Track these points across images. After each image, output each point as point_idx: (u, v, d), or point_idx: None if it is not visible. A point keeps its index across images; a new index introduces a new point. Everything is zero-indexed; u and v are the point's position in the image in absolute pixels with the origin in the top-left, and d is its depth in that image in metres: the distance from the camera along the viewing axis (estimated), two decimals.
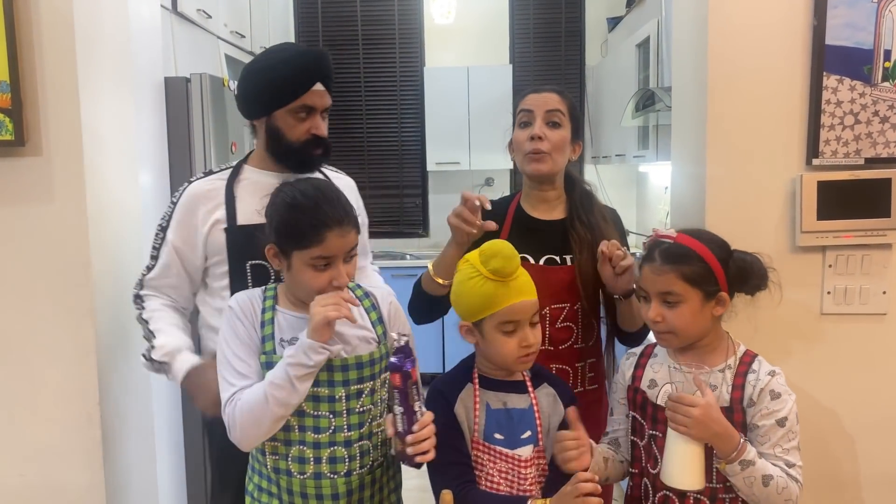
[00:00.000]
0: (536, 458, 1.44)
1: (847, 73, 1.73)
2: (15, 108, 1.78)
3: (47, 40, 1.79)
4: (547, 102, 1.79)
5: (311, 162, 1.79)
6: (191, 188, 1.79)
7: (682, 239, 1.46)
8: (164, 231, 1.78)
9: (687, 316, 1.43)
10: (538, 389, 1.49)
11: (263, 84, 1.72)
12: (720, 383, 1.45)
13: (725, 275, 1.45)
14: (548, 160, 1.78)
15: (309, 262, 1.41)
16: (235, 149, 2.91)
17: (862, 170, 1.75)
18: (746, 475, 1.35)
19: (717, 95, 1.79)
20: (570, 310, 1.76)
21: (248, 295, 1.53)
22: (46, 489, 1.89)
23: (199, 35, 3.41)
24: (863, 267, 1.79)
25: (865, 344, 1.83)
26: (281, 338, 1.45)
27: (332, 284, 1.41)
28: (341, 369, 1.43)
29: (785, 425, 1.40)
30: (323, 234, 1.39)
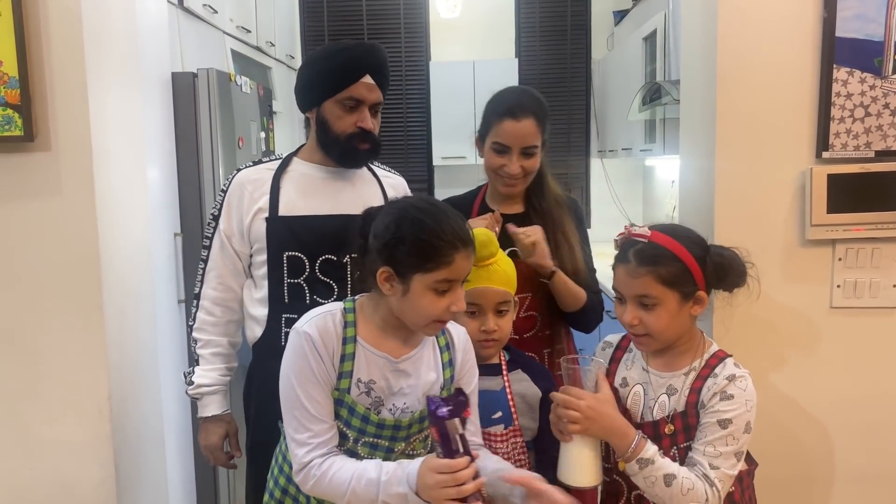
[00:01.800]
0: (510, 436, 1.50)
1: (857, 66, 1.72)
2: (24, 104, 1.78)
3: (55, 36, 1.79)
4: (523, 137, 1.79)
5: (356, 156, 1.77)
6: (239, 176, 1.80)
7: (656, 237, 1.39)
8: (216, 220, 1.79)
9: (664, 318, 1.38)
10: (512, 373, 1.56)
11: (314, 74, 1.74)
12: (680, 387, 1.40)
13: (703, 273, 1.39)
14: (522, 183, 1.86)
15: (432, 285, 1.28)
16: (242, 144, 2.91)
17: (872, 163, 1.74)
18: (646, 474, 1.31)
19: (727, 88, 1.78)
20: (533, 299, 1.81)
21: (328, 322, 1.36)
22: (58, 483, 1.90)
23: (206, 30, 3.40)
24: (873, 260, 1.79)
25: (876, 338, 1.82)
26: (359, 378, 1.35)
27: (450, 310, 1.30)
28: (406, 427, 1.37)
29: (727, 428, 1.33)
30: (452, 255, 1.27)
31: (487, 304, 1.51)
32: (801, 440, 1.86)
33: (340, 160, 1.78)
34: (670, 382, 1.42)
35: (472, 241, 1.31)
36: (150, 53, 2.46)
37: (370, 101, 1.74)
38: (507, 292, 1.53)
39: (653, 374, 1.44)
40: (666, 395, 1.41)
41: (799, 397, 1.85)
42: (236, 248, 1.78)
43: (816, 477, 1.87)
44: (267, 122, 3.29)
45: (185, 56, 3.02)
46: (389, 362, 1.35)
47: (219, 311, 1.80)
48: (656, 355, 1.46)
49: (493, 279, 1.51)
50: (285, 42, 4.99)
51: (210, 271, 1.80)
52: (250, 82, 3.02)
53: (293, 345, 1.35)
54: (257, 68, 4.32)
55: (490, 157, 1.86)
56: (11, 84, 1.77)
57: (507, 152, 1.81)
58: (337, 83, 1.70)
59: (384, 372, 1.36)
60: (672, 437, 1.38)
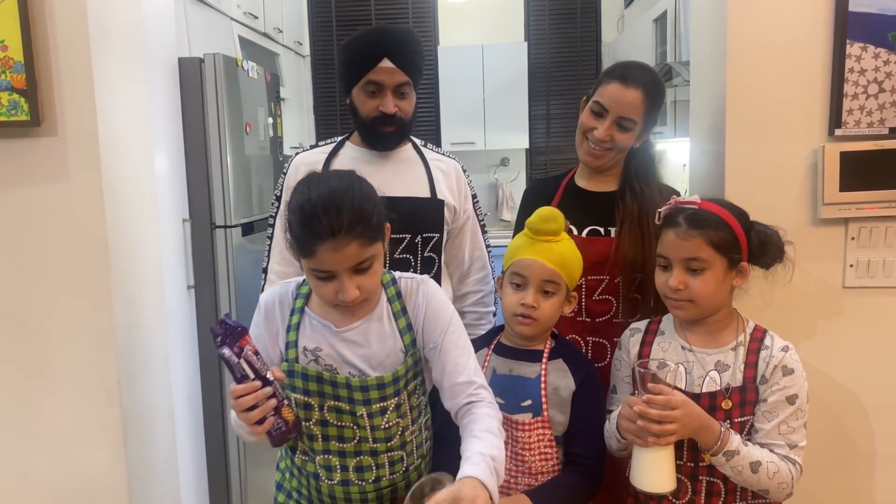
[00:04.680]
0: (537, 426, 1.46)
1: (871, 41, 1.69)
2: (30, 89, 1.78)
3: (60, 20, 1.79)
4: (624, 105, 1.67)
5: (382, 138, 1.80)
6: (297, 159, 1.88)
7: (706, 205, 1.42)
8: (279, 200, 1.86)
9: (711, 284, 1.39)
10: (551, 363, 1.50)
11: (341, 64, 1.80)
12: (732, 362, 1.41)
13: (748, 244, 1.42)
14: (605, 157, 1.73)
15: (310, 271, 1.30)
16: (250, 129, 2.90)
17: (886, 139, 1.71)
18: (733, 465, 1.33)
19: (737, 66, 1.75)
20: (610, 283, 1.71)
21: (280, 293, 1.43)
22: (70, 466, 1.91)
23: (213, 16, 3.39)
24: (886, 239, 1.76)
25: (889, 318, 1.80)
26: (304, 346, 1.39)
27: (337, 297, 1.29)
28: (360, 389, 1.35)
29: (795, 403, 1.37)
30: (314, 247, 1.24)
31: (533, 277, 1.45)
32: (817, 419, 1.84)
33: (369, 143, 1.83)
34: (718, 358, 1.42)
35: (343, 232, 1.23)
36: (156, 39, 2.45)
37: (391, 84, 1.74)
38: (557, 272, 1.46)
39: (697, 351, 1.44)
40: (716, 371, 1.41)
41: (813, 378, 1.82)
42: None
43: (819, 460, 1.86)
44: (274, 107, 3.27)
45: (193, 42, 3.01)
46: (333, 331, 1.37)
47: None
48: (695, 332, 1.46)
49: (544, 254, 1.45)
50: (293, 28, 4.97)
51: (275, 247, 1.86)
52: (257, 67, 3.00)
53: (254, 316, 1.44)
54: (265, 55, 4.31)
55: (585, 117, 1.75)
56: (17, 69, 1.77)
57: (604, 116, 1.69)
58: (357, 70, 1.74)
59: (330, 340, 1.37)
60: (727, 412, 1.38)
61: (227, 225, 2.71)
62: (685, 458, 1.41)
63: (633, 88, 1.67)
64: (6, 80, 1.76)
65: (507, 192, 5.44)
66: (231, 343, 1.21)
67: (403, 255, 1.80)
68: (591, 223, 1.74)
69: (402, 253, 1.80)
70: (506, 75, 5.18)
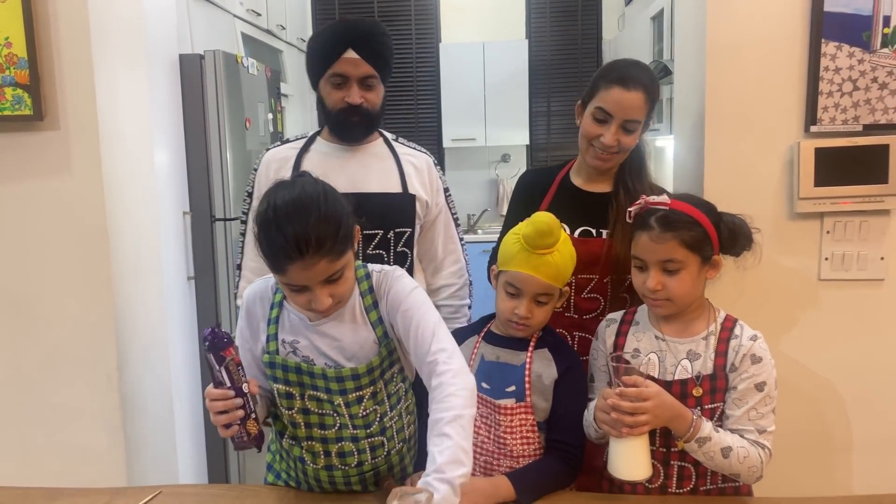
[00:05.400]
0: (519, 411, 1.51)
1: (846, 40, 1.74)
2: (33, 84, 1.85)
3: (62, 17, 1.86)
4: (629, 109, 1.66)
5: (349, 129, 1.79)
6: (267, 155, 1.86)
7: (675, 205, 1.44)
8: (250, 196, 1.86)
9: (687, 282, 1.42)
10: (537, 352, 1.55)
11: (308, 56, 1.79)
12: (703, 351, 1.46)
13: (718, 237, 1.45)
14: (613, 160, 1.74)
15: (283, 285, 1.33)
16: (250, 125, 2.97)
17: (860, 136, 1.76)
18: (705, 451, 1.37)
19: (716, 64, 1.81)
20: (599, 282, 1.73)
21: (260, 288, 1.47)
22: (71, 448, 1.99)
23: (216, 13, 3.45)
24: (860, 233, 1.81)
25: (863, 310, 1.85)
26: (283, 339, 1.43)
27: (311, 307, 1.32)
28: (336, 380, 1.39)
29: (763, 390, 1.41)
30: (283, 265, 1.25)
31: (527, 290, 1.49)
32: (792, 407, 1.89)
33: (337, 135, 1.82)
34: (690, 348, 1.46)
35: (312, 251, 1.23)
36: (157, 36, 2.52)
37: (356, 76, 1.73)
38: (551, 286, 1.49)
39: (670, 341, 1.48)
40: (687, 359, 1.46)
41: (784, 370, 1.88)
42: None
43: (797, 447, 1.91)
44: (275, 103, 3.34)
45: (196, 39, 3.07)
46: (308, 324, 1.42)
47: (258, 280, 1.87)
48: (669, 323, 1.50)
49: (539, 270, 1.48)
50: (296, 25, 5.03)
51: (248, 244, 1.86)
52: (257, 64, 3.07)
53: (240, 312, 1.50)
54: (268, 51, 4.37)
55: (588, 124, 1.73)
56: (20, 64, 1.84)
57: (608, 122, 1.68)
58: (323, 62, 1.74)
59: (306, 333, 1.42)
60: (698, 399, 1.43)
61: (227, 218, 2.77)
62: (657, 444, 1.46)
63: (634, 91, 1.65)
64: (10, 75, 1.84)
65: (508, 188, 5.49)
66: (215, 351, 1.27)
67: (376, 251, 1.80)
68: (584, 224, 1.75)
69: (375, 249, 1.79)
70: (507, 72, 5.23)
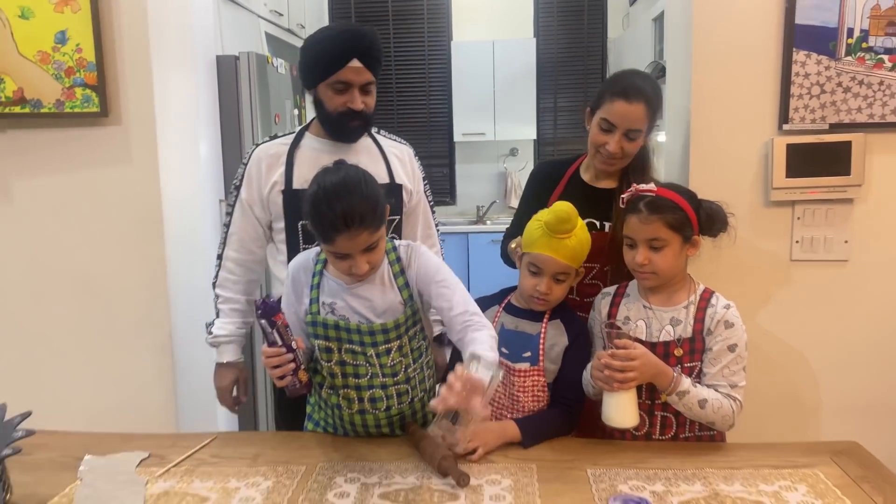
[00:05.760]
0: (533, 373, 1.75)
1: (814, 49, 1.98)
2: (100, 85, 2.11)
3: (126, 27, 2.12)
4: (631, 120, 1.82)
5: (348, 131, 1.90)
6: (258, 150, 1.94)
7: (661, 192, 1.68)
8: (238, 189, 1.95)
9: (670, 258, 1.66)
10: (551, 322, 1.79)
11: (308, 59, 1.87)
12: (684, 318, 1.69)
13: (698, 220, 1.69)
14: (619, 164, 1.92)
15: (328, 252, 1.57)
16: (279, 120, 3.22)
17: (826, 134, 2.01)
18: (685, 402, 1.61)
19: (700, 69, 2.05)
20: (599, 270, 1.94)
21: (303, 259, 1.70)
22: (128, 408, 2.25)
23: (243, 15, 3.69)
24: (827, 219, 2.05)
25: (829, 287, 2.10)
26: (323, 300, 1.66)
27: (351, 271, 1.55)
28: (369, 333, 1.62)
29: (735, 351, 1.65)
30: (332, 236, 1.48)
31: (547, 269, 1.71)
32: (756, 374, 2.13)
33: (334, 135, 1.92)
34: (673, 315, 1.70)
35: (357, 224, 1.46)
36: (199, 39, 2.77)
37: (359, 83, 1.83)
38: (569, 266, 1.71)
39: (656, 309, 1.71)
40: (670, 325, 1.70)
41: (762, 341, 2.13)
42: (258, 215, 1.93)
43: (771, 407, 2.16)
44: (300, 99, 3.59)
45: (225, 40, 3.32)
46: (345, 288, 1.65)
47: (239, 271, 1.96)
48: (655, 294, 1.73)
49: (558, 251, 1.68)
50: (315, 24, 5.27)
51: (232, 235, 1.95)
52: (285, 63, 3.32)
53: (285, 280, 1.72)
54: (289, 49, 4.61)
55: (595, 132, 1.90)
56: (89, 68, 2.10)
57: (612, 131, 1.84)
58: (326, 68, 1.81)
59: (342, 295, 1.64)
60: (679, 359, 1.67)
61: None
62: (644, 397, 1.70)
63: (636, 103, 1.81)
64: (80, 77, 2.10)
65: (516, 181, 5.73)
66: (268, 316, 1.52)
67: None
68: (590, 216, 1.91)
69: None
70: (515, 70, 5.45)
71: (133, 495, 1.44)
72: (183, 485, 1.49)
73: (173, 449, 1.66)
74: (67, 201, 2.20)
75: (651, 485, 1.47)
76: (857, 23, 1.96)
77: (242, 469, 1.56)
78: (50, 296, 2.24)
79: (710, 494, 1.42)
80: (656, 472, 1.52)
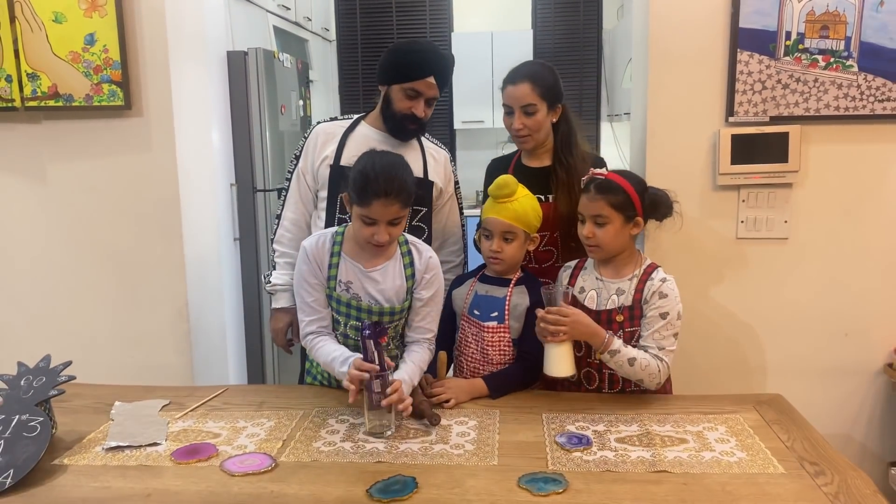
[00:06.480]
0: (500, 331, 2.01)
1: (756, 50, 2.22)
2: (124, 81, 2.38)
3: (147, 28, 2.38)
4: (520, 97, 2.10)
5: (405, 132, 2.14)
6: (318, 127, 2.20)
7: (611, 176, 1.90)
8: (297, 159, 2.20)
9: (611, 233, 1.88)
10: (516, 287, 2.04)
11: (392, 61, 2.10)
12: (627, 288, 1.92)
13: (641, 204, 1.90)
14: (529, 140, 2.16)
15: (360, 216, 1.74)
16: (284, 111, 3.48)
17: (767, 125, 2.25)
18: (616, 360, 1.82)
19: (656, 68, 2.29)
20: (550, 237, 2.19)
21: (320, 239, 1.87)
22: (149, 368, 2.53)
23: (251, 9, 3.93)
24: (768, 201, 2.30)
25: (771, 262, 2.35)
26: (340, 279, 1.85)
27: (373, 238, 1.74)
28: (377, 314, 1.85)
29: (666, 318, 1.82)
30: (371, 200, 1.69)
31: (495, 230, 1.97)
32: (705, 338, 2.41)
33: (392, 132, 2.15)
34: (618, 286, 1.93)
35: (394, 195, 1.69)
36: (211, 37, 3.03)
37: (427, 95, 2.08)
38: (512, 225, 1.96)
39: (605, 281, 1.95)
40: (615, 295, 1.93)
41: (712, 308, 2.39)
42: (308, 183, 2.18)
43: (728, 369, 2.42)
44: (305, 91, 3.85)
45: (235, 34, 3.57)
46: (361, 270, 1.85)
47: (294, 229, 2.20)
48: (605, 267, 1.97)
49: (501, 213, 1.93)
50: (321, 16, 5.51)
51: (290, 197, 2.20)
52: (290, 58, 3.58)
53: (299, 255, 1.89)
54: (296, 42, 4.86)
55: (504, 119, 2.19)
56: (115, 66, 2.37)
57: (512, 113, 2.12)
58: (405, 75, 2.06)
59: (358, 276, 1.85)
60: (620, 324, 1.90)
61: (266, 189, 3.31)
62: (594, 357, 1.95)
63: (520, 83, 2.10)
64: (107, 74, 2.37)
65: None
66: (375, 339, 1.69)
67: None
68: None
69: None
70: (513, 60, 5.52)
71: (157, 431, 1.71)
72: (199, 424, 1.77)
73: (190, 398, 1.93)
74: (95, 184, 2.48)
75: (594, 426, 1.72)
76: (795, 26, 2.19)
77: (249, 413, 1.83)
78: (80, 267, 2.52)
79: (643, 433, 1.67)
80: (601, 416, 1.78)
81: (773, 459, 1.52)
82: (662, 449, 1.58)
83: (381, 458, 1.56)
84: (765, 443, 1.60)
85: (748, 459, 1.53)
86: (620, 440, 1.64)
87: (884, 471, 2.42)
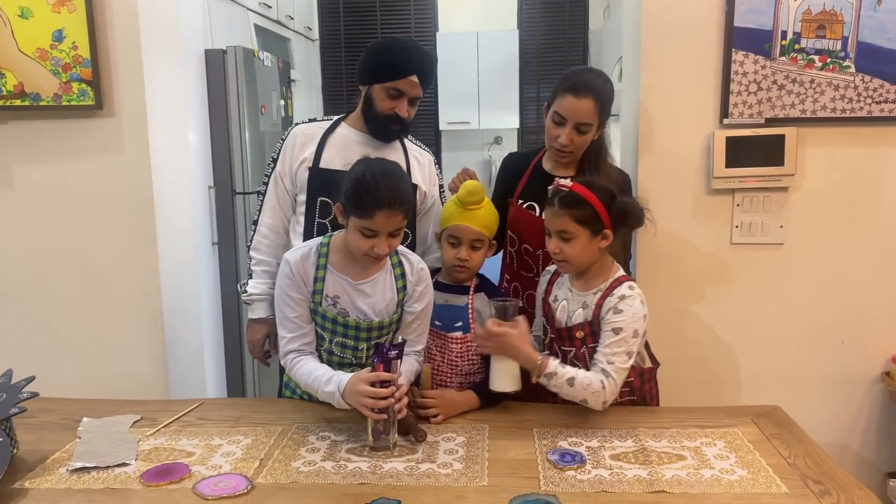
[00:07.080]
0: (464, 340, 1.93)
1: (752, 50, 2.16)
2: (94, 80, 2.27)
3: (118, 26, 2.28)
4: (580, 113, 1.94)
5: (388, 133, 2.07)
6: (296, 129, 2.12)
7: (575, 188, 1.78)
8: (275, 161, 2.12)
9: (578, 248, 1.78)
10: (476, 295, 1.97)
11: (374, 60, 2.03)
12: (591, 303, 1.82)
13: (609, 216, 1.79)
14: (570, 157, 2.04)
15: (359, 228, 1.65)
16: (265, 111, 3.39)
17: (762, 128, 2.19)
18: (553, 383, 1.72)
19: (649, 68, 2.23)
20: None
21: (304, 253, 1.78)
22: (122, 379, 2.42)
23: (231, 7, 3.85)
24: (764, 206, 2.24)
25: (767, 267, 2.29)
26: (326, 294, 1.76)
27: (373, 250, 1.66)
28: (366, 330, 1.78)
29: (619, 334, 1.71)
30: (374, 211, 1.60)
31: (464, 238, 1.91)
32: (700, 347, 2.35)
33: (374, 133, 2.08)
34: (584, 300, 1.85)
35: (397, 206, 1.62)
36: (187, 34, 2.93)
37: (411, 95, 2.01)
38: (481, 232, 1.91)
39: (575, 293, 1.87)
40: (581, 308, 1.86)
41: (706, 316, 2.32)
42: (286, 186, 2.10)
43: (722, 378, 2.35)
44: (286, 91, 3.76)
45: (214, 32, 3.48)
46: (350, 283, 1.77)
47: (272, 235, 2.12)
48: (576, 278, 1.89)
49: (471, 220, 1.90)
50: (303, 15, 5.42)
51: (267, 202, 2.12)
52: (271, 57, 3.48)
53: (281, 268, 1.79)
54: (278, 40, 4.76)
55: (548, 126, 2.02)
56: (84, 64, 2.26)
57: (564, 124, 1.96)
58: (387, 74, 1.99)
59: (346, 290, 1.77)
60: (582, 340, 1.83)
61: (245, 192, 3.21)
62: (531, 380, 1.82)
63: (585, 98, 1.93)
64: (77, 72, 2.26)
65: None
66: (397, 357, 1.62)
67: None
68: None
69: None
70: (499, 60, 5.61)
71: (127, 450, 1.62)
72: (171, 442, 1.67)
73: (163, 413, 1.83)
74: (65, 188, 2.37)
75: (587, 441, 1.65)
76: (791, 26, 2.13)
77: (225, 429, 1.74)
78: (49, 275, 2.41)
79: (639, 449, 1.60)
80: (594, 430, 1.71)
81: (776, 478, 1.46)
82: (659, 466, 1.51)
83: (364, 480, 1.48)
84: (766, 459, 1.54)
85: (750, 478, 1.46)
86: (615, 457, 1.57)
87: (881, 482, 2.37)
